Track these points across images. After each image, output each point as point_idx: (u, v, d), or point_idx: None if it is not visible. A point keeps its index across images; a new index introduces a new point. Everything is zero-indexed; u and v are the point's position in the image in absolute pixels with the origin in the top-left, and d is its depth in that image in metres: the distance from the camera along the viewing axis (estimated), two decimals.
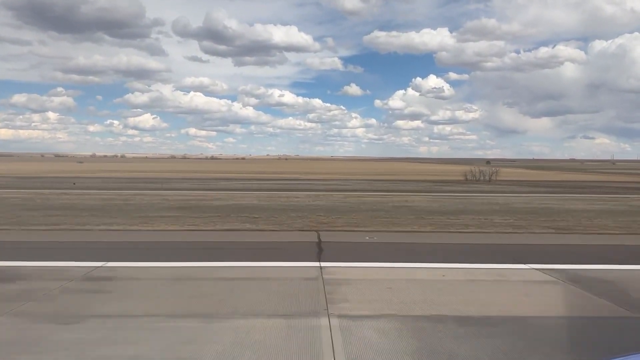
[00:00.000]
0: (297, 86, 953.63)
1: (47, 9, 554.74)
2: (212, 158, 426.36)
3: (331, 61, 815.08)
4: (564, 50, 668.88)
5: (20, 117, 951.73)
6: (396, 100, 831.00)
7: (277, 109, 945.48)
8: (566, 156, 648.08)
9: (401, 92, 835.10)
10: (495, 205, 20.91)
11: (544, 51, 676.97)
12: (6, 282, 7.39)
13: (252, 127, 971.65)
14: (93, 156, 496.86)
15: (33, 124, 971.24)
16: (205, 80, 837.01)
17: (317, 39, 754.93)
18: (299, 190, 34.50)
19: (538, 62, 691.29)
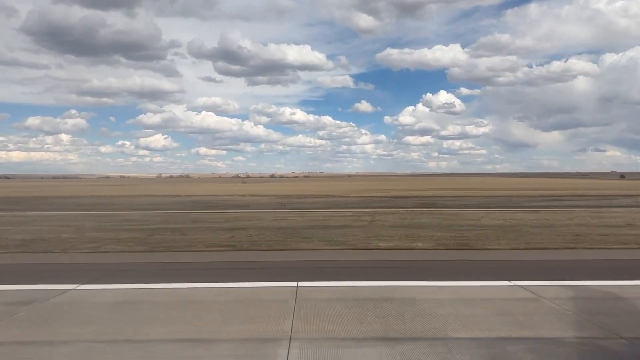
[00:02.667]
0: (306, 104, 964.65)
1: (66, 32, 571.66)
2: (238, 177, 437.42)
3: (342, 79, 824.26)
4: (577, 63, 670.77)
5: (34, 139, 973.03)
6: (406, 116, 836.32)
7: (287, 127, 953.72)
8: (576, 169, 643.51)
9: (411, 108, 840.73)
10: None
11: (556, 65, 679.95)
12: None
13: (262, 146, 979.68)
14: (159, 177, 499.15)
15: (46, 146, 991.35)
16: (218, 100, 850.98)
17: (329, 57, 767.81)
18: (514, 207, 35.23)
19: (551, 76, 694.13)
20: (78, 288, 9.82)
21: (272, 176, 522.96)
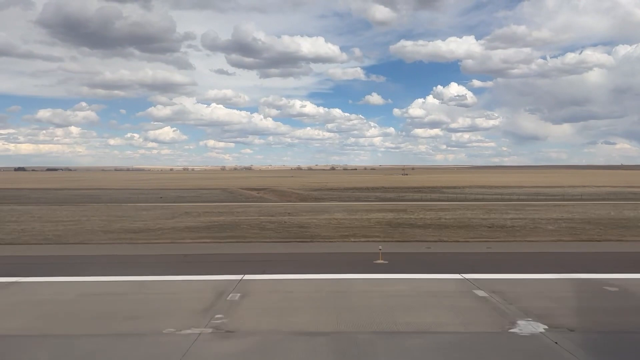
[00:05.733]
0: (315, 96, 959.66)
1: (82, 25, 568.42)
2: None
3: (354, 71, 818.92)
4: (592, 55, 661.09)
5: (44, 131, 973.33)
6: (416, 109, 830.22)
7: (297, 120, 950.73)
8: (584, 162, 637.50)
9: (421, 100, 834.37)
10: None
11: (571, 57, 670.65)
12: None
13: (270, 138, 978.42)
14: (223, 169, 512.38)
15: (55, 138, 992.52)
16: (229, 93, 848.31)
17: (343, 49, 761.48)
18: None
19: (565, 67, 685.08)
20: None
21: (333, 168, 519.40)
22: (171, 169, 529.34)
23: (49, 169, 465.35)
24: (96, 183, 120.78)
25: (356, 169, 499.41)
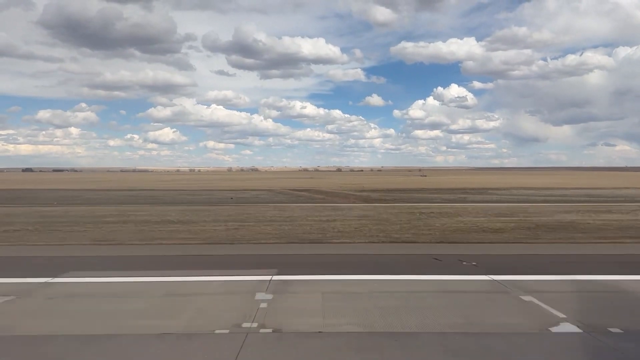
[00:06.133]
0: (315, 98, 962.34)
1: (83, 26, 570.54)
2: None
3: (354, 72, 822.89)
4: (592, 57, 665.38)
5: (43, 132, 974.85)
6: (416, 110, 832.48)
7: (297, 121, 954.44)
8: (584, 164, 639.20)
9: (421, 102, 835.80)
10: None
11: (571, 58, 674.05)
12: None
13: (270, 139, 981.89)
14: (229, 170, 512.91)
15: (55, 139, 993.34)
16: (229, 94, 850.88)
17: (344, 50, 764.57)
18: None
19: (566, 69, 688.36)
20: None
21: (339, 170, 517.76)
22: (177, 170, 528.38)
23: (55, 170, 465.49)
24: (124, 184, 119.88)
25: (362, 170, 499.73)
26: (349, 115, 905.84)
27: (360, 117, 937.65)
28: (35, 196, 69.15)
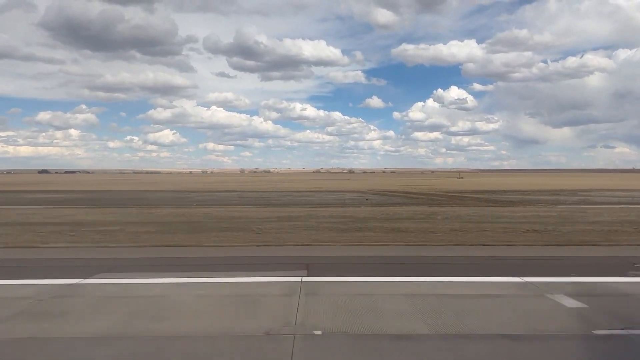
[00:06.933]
0: (315, 99, 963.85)
1: (84, 27, 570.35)
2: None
3: (354, 74, 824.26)
4: (593, 59, 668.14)
5: (43, 134, 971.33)
6: (416, 112, 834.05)
7: (297, 123, 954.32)
8: (583, 166, 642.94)
9: (422, 103, 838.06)
10: None
11: (572, 60, 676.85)
12: None
13: (270, 141, 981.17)
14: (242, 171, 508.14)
15: (55, 140, 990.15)
16: (229, 96, 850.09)
17: (344, 52, 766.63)
18: None
19: (566, 71, 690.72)
20: None
21: (351, 171, 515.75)
22: (190, 172, 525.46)
23: (66, 172, 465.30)
24: (154, 186, 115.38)
25: (374, 172, 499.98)
26: (348, 117, 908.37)
27: (360, 119, 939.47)
28: (141, 197, 68.63)
